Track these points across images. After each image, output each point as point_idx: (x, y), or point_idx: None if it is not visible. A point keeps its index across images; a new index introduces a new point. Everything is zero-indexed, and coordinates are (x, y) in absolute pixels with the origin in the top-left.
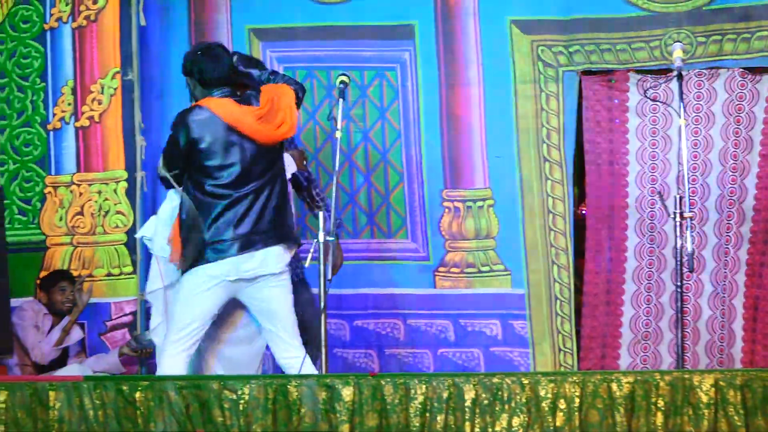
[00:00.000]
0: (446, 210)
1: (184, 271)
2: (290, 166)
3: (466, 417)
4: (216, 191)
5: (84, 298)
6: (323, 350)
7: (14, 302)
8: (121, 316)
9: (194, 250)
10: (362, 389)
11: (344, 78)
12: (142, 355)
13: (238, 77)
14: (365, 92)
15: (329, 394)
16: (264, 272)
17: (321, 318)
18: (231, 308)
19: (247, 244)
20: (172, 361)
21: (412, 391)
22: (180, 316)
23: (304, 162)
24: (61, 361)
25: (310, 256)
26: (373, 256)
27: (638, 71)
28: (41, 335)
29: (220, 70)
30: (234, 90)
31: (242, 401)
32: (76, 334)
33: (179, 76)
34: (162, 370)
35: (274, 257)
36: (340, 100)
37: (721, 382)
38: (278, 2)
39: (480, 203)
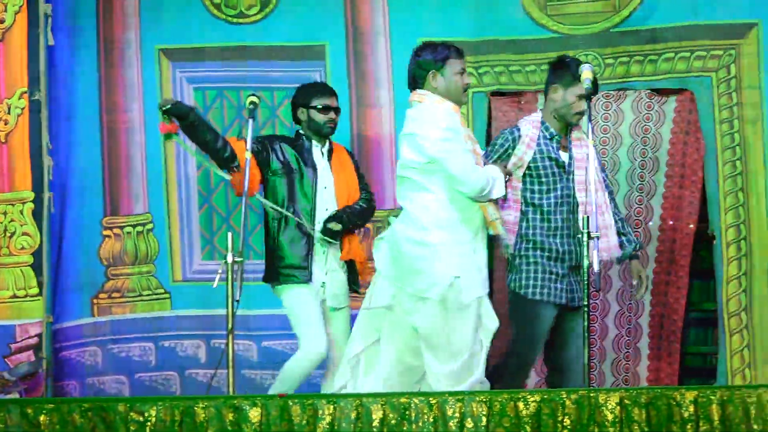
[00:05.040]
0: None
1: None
2: None
3: None
4: None
5: None
6: (230, 370)
7: None
8: (26, 339)
9: None
10: (269, 410)
11: (254, 98)
12: (17, 384)
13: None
14: (275, 112)
15: (236, 415)
16: None
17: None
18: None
19: None
20: None
21: (320, 412)
22: None
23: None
24: None
25: (218, 277)
26: None
27: None
28: None
29: None
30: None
31: (149, 423)
32: None
33: (87, 96)
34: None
35: None
36: (250, 120)
37: (626, 401)
38: (188, 22)
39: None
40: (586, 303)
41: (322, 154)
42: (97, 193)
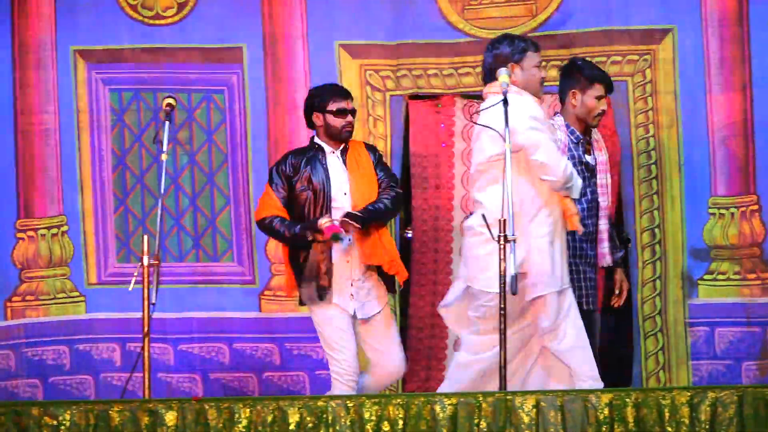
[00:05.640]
0: None
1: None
2: None
3: None
4: None
5: None
6: (145, 374)
7: None
8: None
9: None
10: (186, 414)
11: (171, 100)
12: None
13: None
14: (192, 115)
15: (152, 419)
16: None
17: None
18: None
19: None
20: None
21: (236, 415)
22: None
23: None
24: None
25: (133, 280)
26: (198, 279)
27: (464, 96)
28: None
29: None
30: None
31: (63, 427)
32: None
33: (1, 98)
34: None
35: None
36: (167, 122)
37: (542, 403)
38: (104, 23)
39: None
40: (503, 306)
41: (337, 158)
42: (11, 195)
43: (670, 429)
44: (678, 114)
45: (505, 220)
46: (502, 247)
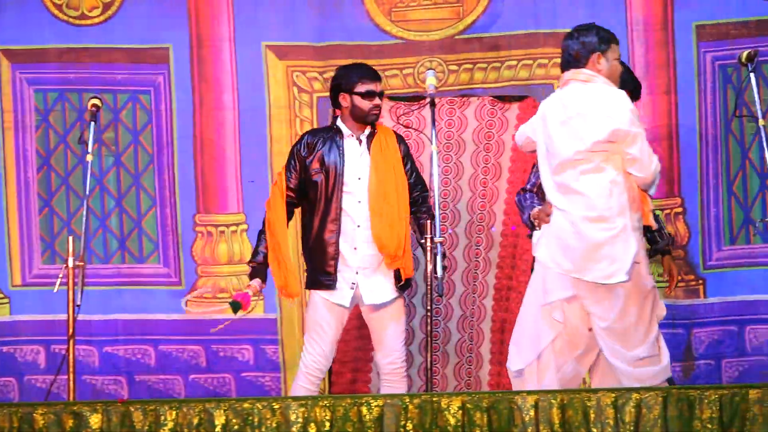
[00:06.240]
0: (199, 235)
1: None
2: None
3: None
4: None
5: None
6: (70, 376)
7: None
8: None
9: None
10: (111, 416)
11: (96, 101)
12: None
13: None
14: (118, 115)
15: (77, 421)
16: None
17: None
18: None
19: None
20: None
21: (162, 418)
22: None
23: None
24: None
25: (58, 281)
26: (124, 281)
27: (391, 98)
28: None
29: None
30: None
31: None
32: None
33: None
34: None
35: None
36: (92, 123)
37: (468, 405)
38: (29, 23)
39: (233, 228)
40: (429, 308)
41: (360, 141)
42: None
43: (595, 430)
44: None
45: (433, 223)
46: (429, 248)
